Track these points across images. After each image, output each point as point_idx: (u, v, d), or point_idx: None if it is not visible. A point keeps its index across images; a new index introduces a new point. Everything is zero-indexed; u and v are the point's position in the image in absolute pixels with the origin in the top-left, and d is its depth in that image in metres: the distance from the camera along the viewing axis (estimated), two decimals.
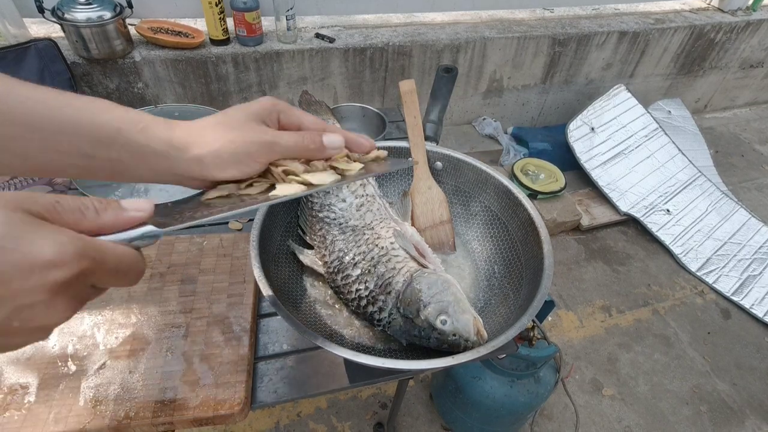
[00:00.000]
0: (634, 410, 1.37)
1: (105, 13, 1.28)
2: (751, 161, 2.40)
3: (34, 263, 0.21)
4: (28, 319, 0.22)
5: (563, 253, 1.83)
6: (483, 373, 1.04)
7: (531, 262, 0.56)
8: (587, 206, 1.95)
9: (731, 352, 1.54)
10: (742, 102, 2.78)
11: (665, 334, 1.58)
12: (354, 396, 1.33)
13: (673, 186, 2.01)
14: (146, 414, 0.49)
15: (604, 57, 2.09)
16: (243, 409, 0.52)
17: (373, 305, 0.53)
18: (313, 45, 1.60)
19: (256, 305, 0.63)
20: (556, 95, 2.19)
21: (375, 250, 0.56)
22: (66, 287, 0.22)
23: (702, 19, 2.18)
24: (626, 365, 1.48)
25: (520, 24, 1.94)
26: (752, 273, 1.76)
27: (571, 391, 1.38)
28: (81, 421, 0.48)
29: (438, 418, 1.30)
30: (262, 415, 1.27)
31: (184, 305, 0.61)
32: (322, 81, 1.70)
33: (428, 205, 0.66)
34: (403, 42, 1.70)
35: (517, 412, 1.05)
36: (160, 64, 1.45)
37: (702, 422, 1.35)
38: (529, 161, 1.92)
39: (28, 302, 0.21)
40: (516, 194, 0.62)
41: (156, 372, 0.53)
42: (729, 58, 2.41)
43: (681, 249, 1.83)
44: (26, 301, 0.21)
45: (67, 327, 0.57)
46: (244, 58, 1.53)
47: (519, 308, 0.51)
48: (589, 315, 1.62)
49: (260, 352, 0.59)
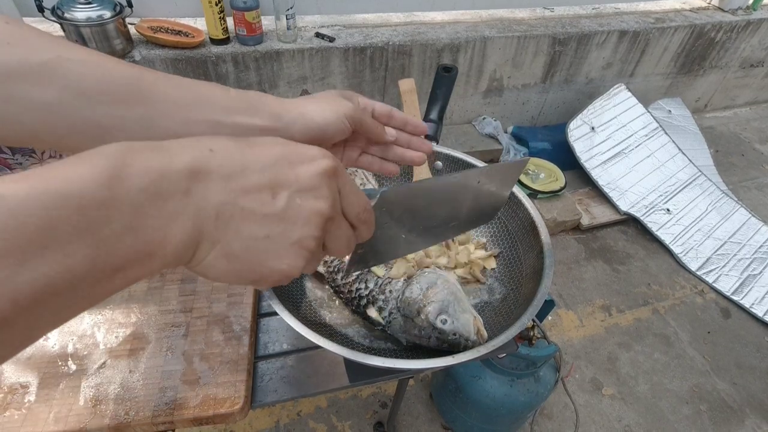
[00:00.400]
0: (634, 409, 1.37)
1: (105, 13, 1.28)
2: (752, 160, 2.40)
3: (307, 154, 0.27)
4: (304, 203, 0.26)
5: (563, 252, 1.83)
6: (483, 373, 1.04)
7: (531, 262, 0.56)
8: (587, 205, 1.95)
9: (731, 351, 1.54)
10: (743, 101, 2.78)
11: (665, 334, 1.58)
12: (354, 395, 1.34)
13: (674, 185, 2.01)
14: (146, 413, 0.49)
15: (605, 56, 2.09)
16: (243, 409, 0.52)
17: (374, 305, 0.53)
18: (313, 44, 1.60)
19: (256, 304, 0.63)
20: (556, 94, 2.18)
21: None
22: (329, 177, 0.27)
23: (702, 19, 2.17)
24: (626, 364, 1.48)
25: (520, 23, 1.94)
26: (752, 272, 1.76)
27: (571, 391, 1.38)
28: (81, 420, 0.48)
29: (438, 418, 1.30)
30: (262, 414, 1.27)
31: (184, 304, 0.61)
32: (322, 80, 1.70)
33: None
34: (403, 41, 1.70)
35: (517, 411, 1.05)
36: (160, 63, 1.45)
37: (702, 421, 1.35)
38: (529, 161, 1.91)
39: (307, 184, 0.26)
40: (516, 194, 0.62)
41: (156, 371, 0.53)
42: (729, 57, 2.41)
43: (681, 248, 1.83)
44: (305, 182, 0.26)
45: (68, 326, 0.57)
46: (244, 57, 1.53)
47: (519, 307, 0.51)
48: (589, 314, 1.62)
49: (260, 352, 0.59)
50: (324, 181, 0.27)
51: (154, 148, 0.22)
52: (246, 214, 0.25)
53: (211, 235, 0.24)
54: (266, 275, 0.27)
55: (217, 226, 0.24)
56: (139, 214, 0.21)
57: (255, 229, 0.25)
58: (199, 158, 0.23)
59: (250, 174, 0.25)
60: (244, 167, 0.25)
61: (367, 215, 0.31)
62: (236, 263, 0.25)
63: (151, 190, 0.21)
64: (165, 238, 0.22)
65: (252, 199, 0.25)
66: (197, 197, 0.23)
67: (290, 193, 0.26)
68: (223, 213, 0.24)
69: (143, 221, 0.21)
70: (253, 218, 0.25)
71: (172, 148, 0.23)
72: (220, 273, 0.25)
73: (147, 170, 0.21)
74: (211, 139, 0.25)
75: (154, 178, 0.21)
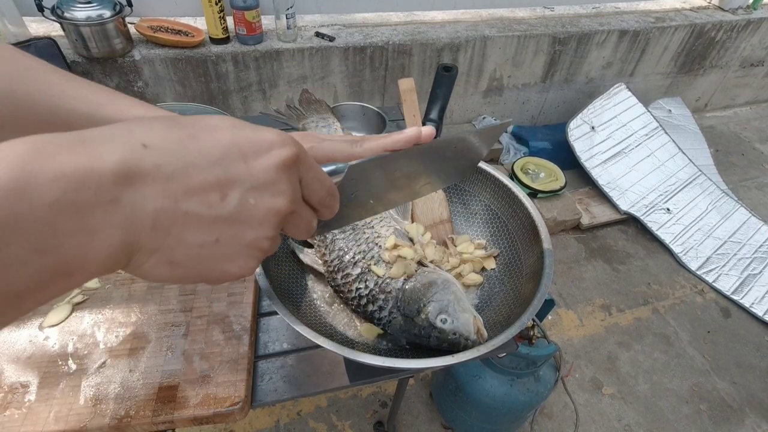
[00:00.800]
0: (633, 409, 1.37)
1: (105, 12, 1.28)
2: (752, 160, 2.40)
3: (263, 142, 0.23)
4: (259, 202, 0.23)
5: (563, 251, 1.83)
6: (483, 372, 1.04)
7: (531, 261, 0.56)
8: (587, 205, 1.95)
9: (731, 350, 1.54)
10: (743, 101, 2.78)
11: (665, 333, 1.58)
12: (354, 395, 1.34)
13: (674, 185, 2.01)
14: (146, 412, 0.49)
15: (605, 56, 2.09)
16: (243, 408, 0.52)
17: (374, 304, 0.53)
18: (313, 44, 1.60)
19: (256, 304, 0.63)
20: (556, 94, 2.18)
21: (375, 248, 0.56)
22: (288, 169, 0.24)
23: (702, 18, 2.17)
24: (626, 364, 1.48)
25: (521, 22, 1.94)
26: (752, 272, 1.76)
27: (571, 390, 1.39)
28: (81, 419, 0.48)
29: (438, 417, 1.30)
30: (262, 413, 1.27)
31: (184, 304, 0.61)
32: (322, 80, 1.70)
33: (428, 203, 0.66)
34: (403, 41, 1.70)
35: (517, 410, 1.05)
36: (159, 62, 1.45)
37: (702, 421, 1.36)
38: (529, 160, 1.91)
39: (262, 180, 0.23)
40: (516, 193, 0.62)
41: (156, 371, 0.53)
42: (729, 56, 2.41)
43: (681, 248, 1.83)
44: (260, 178, 0.23)
45: (68, 326, 0.57)
46: (244, 56, 1.53)
47: (519, 307, 0.51)
48: (589, 314, 1.62)
49: (260, 351, 0.59)
50: (282, 175, 0.24)
51: (71, 144, 0.18)
52: (190, 220, 0.21)
53: (147, 244, 0.21)
54: (215, 278, 0.25)
55: (155, 235, 0.21)
56: (49, 233, 0.17)
57: (201, 235, 0.22)
58: (130, 158, 0.19)
59: (194, 172, 0.21)
60: (186, 164, 0.21)
61: (331, 199, 0.29)
62: (180, 270, 0.23)
63: (66, 203, 0.17)
64: (85, 255, 0.19)
65: (197, 201, 0.21)
66: (127, 206, 0.19)
67: (243, 191, 0.23)
68: (162, 220, 0.21)
69: (55, 240, 0.17)
70: (199, 223, 0.22)
71: (95, 142, 0.19)
72: (161, 278, 0.23)
73: (60, 177, 0.17)
74: (144, 128, 0.21)
75: (70, 188, 0.17)
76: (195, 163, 0.21)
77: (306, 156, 0.26)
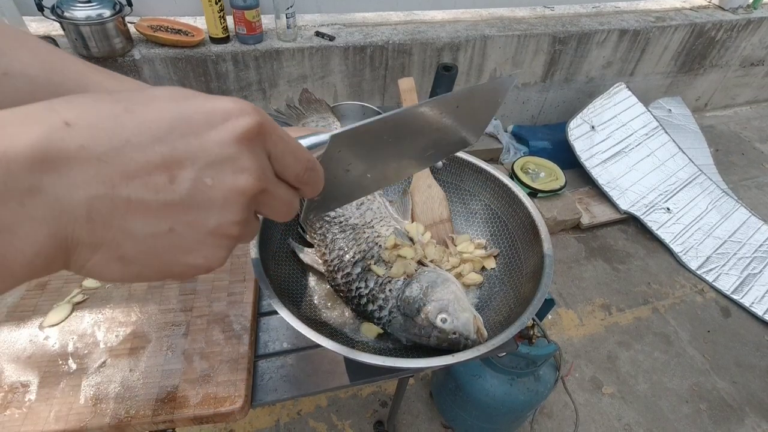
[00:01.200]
0: (633, 408, 1.37)
1: (104, 12, 1.28)
2: (752, 159, 2.40)
3: (217, 111, 0.20)
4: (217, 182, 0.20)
5: (563, 251, 1.83)
6: (483, 372, 1.04)
7: (531, 261, 0.56)
8: (587, 204, 1.95)
9: (731, 350, 1.54)
10: (743, 100, 2.78)
11: (665, 333, 1.58)
12: (354, 394, 1.34)
13: (674, 184, 2.01)
14: (147, 412, 0.50)
15: (605, 55, 2.09)
16: (243, 407, 0.52)
17: (374, 303, 0.53)
18: (313, 43, 1.60)
19: (256, 303, 0.63)
20: (556, 93, 2.18)
21: (375, 248, 0.56)
22: (250, 141, 0.21)
23: (702, 17, 2.17)
24: (626, 363, 1.48)
25: (521, 22, 1.94)
26: (752, 271, 1.76)
27: (571, 390, 1.39)
28: (81, 419, 0.48)
29: (438, 417, 1.30)
30: (262, 413, 1.27)
31: (184, 304, 0.61)
32: (322, 79, 1.70)
33: (428, 203, 0.66)
34: (403, 40, 1.70)
35: (517, 410, 1.05)
36: (159, 62, 1.45)
37: (702, 420, 1.36)
38: (529, 159, 1.91)
39: (218, 156, 0.20)
40: (516, 192, 0.62)
41: (156, 370, 0.53)
42: (729, 56, 2.41)
43: (681, 247, 1.83)
44: (216, 153, 0.20)
45: (68, 325, 0.57)
46: (244, 56, 1.53)
47: (519, 306, 0.51)
48: (589, 313, 1.62)
49: (260, 351, 0.59)
50: (243, 148, 0.21)
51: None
52: (134, 208, 0.18)
53: (85, 238, 0.18)
54: (179, 273, 0.22)
55: (93, 228, 0.18)
56: None
57: (151, 225, 0.19)
58: (48, 139, 0.16)
59: (133, 152, 0.18)
60: (121, 143, 0.18)
61: (311, 174, 0.25)
62: (134, 266, 0.20)
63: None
64: (4, 256, 0.16)
65: (140, 186, 0.18)
66: (51, 195, 0.17)
67: (196, 171, 0.19)
68: (99, 210, 0.18)
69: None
70: (146, 211, 0.19)
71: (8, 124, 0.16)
72: (114, 276, 0.20)
73: None
74: (69, 105, 0.18)
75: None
76: (133, 142, 0.18)
77: (273, 126, 0.22)
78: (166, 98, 0.20)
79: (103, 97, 0.19)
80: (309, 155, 0.25)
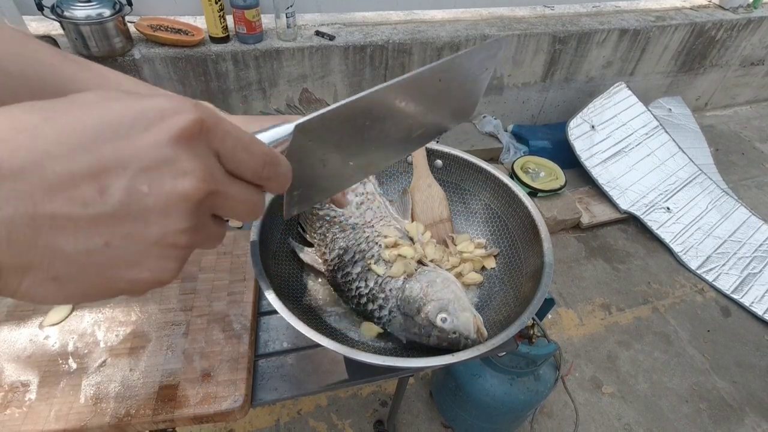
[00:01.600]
0: (633, 408, 1.37)
1: (104, 11, 1.28)
2: (752, 159, 2.40)
3: (148, 112, 0.19)
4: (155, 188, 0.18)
5: (563, 251, 1.83)
6: (483, 371, 1.04)
7: (531, 260, 0.56)
8: (587, 204, 1.95)
9: (731, 350, 1.54)
10: (743, 100, 2.78)
11: (665, 332, 1.58)
12: (354, 394, 1.34)
13: (674, 184, 2.01)
14: (147, 411, 0.50)
15: (605, 55, 2.09)
16: (243, 407, 0.52)
17: (373, 303, 0.53)
18: (313, 43, 1.60)
19: (257, 303, 0.63)
20: (556, 93, 2.18)
21: (375, 247, 0.56)
22: (189, 140, 0.19)
23: (703, 17, 2.17)
24: (626, 363, 1.48)
25: (521, 21, 1.93)
26: (752, 271, 1.76)
27: (571, 389, 1.39)
28: (82, 418, 0.49)
29: (438, 416, 1.30)
30: (262, 412, 1.27)
31: (184, 303, 0.61)
32: (323, 79, 1.70)
33: (428, 203, 0.66)
34: (403, 39, 1.70)
35: (517, 409, 1.05)
36: (159, 61, 1.45)
37: (701, 420, 1.36)
38: (529, 159, 1.91)
39: (153, 160, 0.18)
40: (516, 192, 0.62)
41: (156, 369, 0.53)
42: (730, 55, 2.41)
43: (681, 247, 1.83)
44: (151, 158, 0.18)
45: (68, 325, 0.57)
46: (244, 55, 1.53)
47: (519, 306, 0.51)
48: (589, 313, 1.62)
49: (260, 350, 0.59)
50: (182, 149, 0.19)
51: None
52: (60, 224, 0.17)
53: (8, 262, 0.17)
54: (127, 289, 0.20)
55: (16, 250, 0.16)
56: None
57: (83, 241, 0.18)
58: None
59: (53, 164, 0.16)
60: (40, 155, 0.16)
61: (272, 170, 0.23)
62: (71, 285, 0.18)
63: None
64: None
65: (64, 200, 0.17)
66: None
67: (129, 178, 0.18)
68: (19, 230, 0.16)
69: None
70: (75, 227, 0.17)
71: None
72: (52, 298, 0.19)
73: None
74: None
75: None
76: (52, 153, 0.16)
77: (217, 122, 0.21)
78: (91, 102, 0.18)
79: (21, 107, 0.17)
80: (265, 149, 0.23)
